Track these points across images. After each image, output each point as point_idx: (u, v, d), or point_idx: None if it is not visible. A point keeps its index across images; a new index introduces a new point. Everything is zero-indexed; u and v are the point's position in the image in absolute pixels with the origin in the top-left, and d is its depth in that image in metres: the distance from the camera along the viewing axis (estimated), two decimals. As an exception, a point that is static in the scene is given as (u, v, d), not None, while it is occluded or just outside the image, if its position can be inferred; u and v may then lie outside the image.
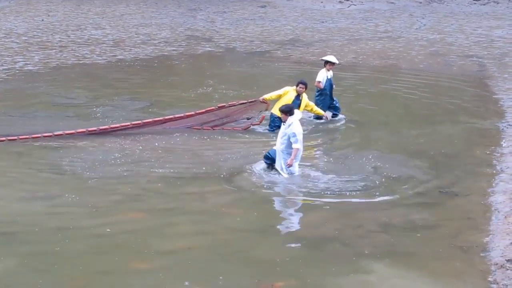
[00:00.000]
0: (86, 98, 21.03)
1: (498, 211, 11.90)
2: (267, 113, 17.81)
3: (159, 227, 11.31)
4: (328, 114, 18.61)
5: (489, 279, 9.39)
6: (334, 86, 18.98)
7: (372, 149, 16.33)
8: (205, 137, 16.51)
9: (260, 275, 9.57)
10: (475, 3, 54.03)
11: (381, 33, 39.98)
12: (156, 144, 15.76)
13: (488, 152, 15.86)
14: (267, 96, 17.54)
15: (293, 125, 13.79)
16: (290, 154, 13.76)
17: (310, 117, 18.59)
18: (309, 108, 17.80)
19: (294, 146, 13.68)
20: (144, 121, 17.01)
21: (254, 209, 12.41)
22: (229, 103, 17.70)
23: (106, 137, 16.08)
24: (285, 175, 13.80)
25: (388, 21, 46.04)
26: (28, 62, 26.87)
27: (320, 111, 18.08)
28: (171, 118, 17.11)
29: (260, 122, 17.89)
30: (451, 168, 14.92)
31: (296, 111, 14.16)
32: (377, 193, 13.00)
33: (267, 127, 17.76)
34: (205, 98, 21.48)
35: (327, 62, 18.93)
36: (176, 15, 45.60)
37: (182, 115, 17.39)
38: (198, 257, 10.14)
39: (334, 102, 18.89)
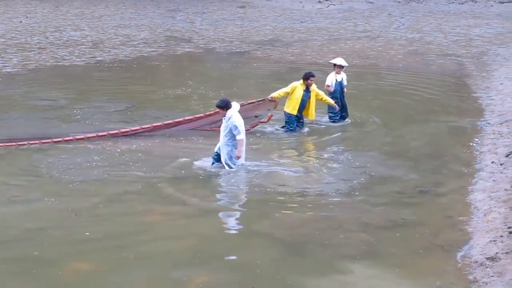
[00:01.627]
0: (65, 100, 20.93)
1: (478, 209, 11.94)
2: (275, 112, 17.81)
3: (138, 230, 11.23)
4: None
5: (469, 277, 9.42)
6: (345, 89, 18.92)
7: (352, 149, 16.36)
8: (182, 139, 16.42)
9: (240, 277, 9.54)
10: (453, 2, 54.35)
11: (360, 32, 40.12)
12: (135, 146, 15.68)
13: (467, 151, 15.93)
14: (275, 94, 17.50)
15: (233, 117, 14.04)
16: (234, 146, 14.06)
17: (319, 121, 18.58)
18: (319, 98, 17.76)
19: (238, 137, 13.99)
20: (154, 125, 16.89)
21: (232, 210, 12.39)
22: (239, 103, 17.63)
23: (85, 140, 15.94)
24: (233, 167, 14.07)
25: (367, 20, 46.21)
26: (6, 64, 26.75)
27: (330, 101, 17.98)
28: (181, 121, 16.99)
29: (268, 120, 17.82)
30: (430, 167, 14.98)
31: (233, 103, 14.28)
32: (357, 193, 13.01)
33: (281, 128, 17.78)
34: (185, 99, 21.48)
35: (335, 65, 18.85)
36: (155, 16, 45.55)
37: (192, 117, 17.36)
38: (177, 260, 10.07)
39: (344, 104, 18.80)
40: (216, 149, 14.41)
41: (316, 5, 52.86)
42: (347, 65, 19.11)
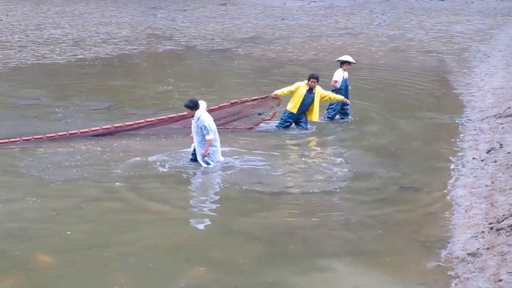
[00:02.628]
0: (46, 99, 20.80)
1: (459, 205, 11.98)
2: (279, 109, 17.79)
3: (119, 229, 11.19)
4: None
5: (451, 273, 9.45)
6: (350, 87, 18.92)
7: (333, 146, 16.40)
8: (162, 138, 16.36)
9: (222, 276, 9.51)
10: (434, -1, 54.56)
11: (341, 29, 40.20)
12: (116, 144, 15.60)
13: (448, 147, 15.98)
14: (279, 92, 17.54)
15: (202, 117, 14.08)
16: (204, 144, 14.13)
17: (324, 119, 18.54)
18: (327, 98, 17.74)
19: (207, 137, 14.05)
20: (158, 118, 16.89)
21: (213, 209, 12.35)
22: (242, 99, 17.59)
23: (68, 139, 15.85)
24: (211, 164, 14.17)
25: (348, 17, 46.31)
26: (-14, 63, 26.58)
27: (339, 97, 17.94)
28: (183, 116, 16.68)
29: (272, 117, 17.82)
30: (412, 163, 15.02)
31: (201, 102, 14.29)
32: (338, 190, 13.03)
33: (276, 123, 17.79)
34: (166, 97, 21.43)
35: (344, 62, 18.85)
36: (136, 14, 45.42)
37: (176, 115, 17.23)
38: (158, 260, 10.01)
39: (346, 108, 18.73)
40: (191, 149, 14.45)
41: (297, 2, 52.96)
42: (354, 62, 19.14)
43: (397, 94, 22.40)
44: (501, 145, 14.76)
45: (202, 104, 14.26)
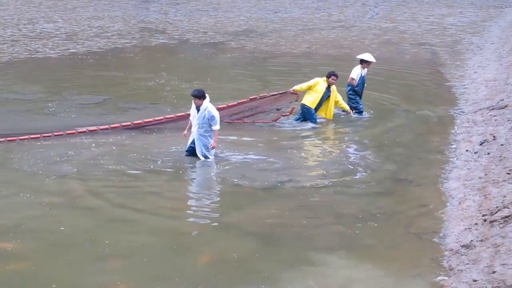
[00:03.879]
0: (39, 93, 20.72)
1: (453, 198, 12.00)
2: (297, 104, 17.76)
3: (112, 224, 11.16)
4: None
5: (444, 265, 9.47)
6: (365, 84, 18.91)
7: (327, 140, 16.40)
8: (154, 133, 16.29)
9: (216, 270, 9.50)
10: (426, -9, 54.56)
11: (334, 22, 40.18)
12: (111, 139, 15.53)
13: (441, 140, 16.00)
14: (297, 87, 17.51)
15: (209, 107, 14.01)
16: (210, 136, 14.07)
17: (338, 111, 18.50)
18: (336, 100, 17.75)
19: (215, 128, 14.05)
20: (177, 114, 16.79)
21: (207, 203, 12.33)
22: (260, 95, 17.60)
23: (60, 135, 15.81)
24: (210, 158, 14.13)
25: (341, 10, 46.30)
26: (-21, 57, 26.50)
27: (345, 106, 18.02)
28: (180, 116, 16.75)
29: (290, 113, 17.82)
30: (405, 156, 15.04)
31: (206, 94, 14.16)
32: (332, 184, 13.03)
33: (295, 121, 17.73)
34: (159, 90, 21.39)
35: (363, 61, 18.75)
36: (129, 8, 45.32)
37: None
38: (152, 254, 9.98)
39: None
40: (189, 143, 14.33)
41: (290, -5, 52.91)
42: (375, 61, 19.02)
43: (390, 87, 22.38)
44: (494, 137, 14.77)
45: (207, 96, 14.17)
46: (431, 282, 9.07)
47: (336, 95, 17.65)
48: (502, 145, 14.10)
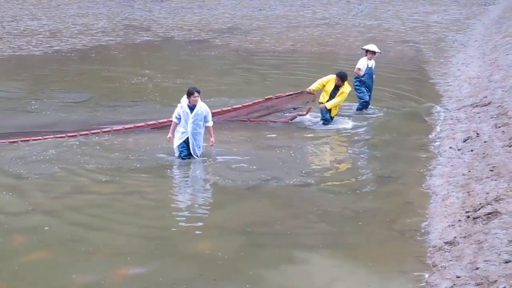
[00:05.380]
0: (22, 91, 20.66)
1: (436, 194, 12.03)
2: (314, 104, 17.59)
3: (96, 223, 11.04)
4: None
5: (428, 261, 9.49)
6: (374, 76, 18.95)
7: (310, 138, 16.38)
8: (137, 131, 16.23)
9: (201, 270, 9.45)
10: (411, -11, 54.69)
11: (318, 20, 40.24)
12: (96, 139, 15.46)
13: (425, 137, 16.04)
14: (313, 87, 17.32)
15: (203, 104, 14.07)
16: (201, 134, 14.12)
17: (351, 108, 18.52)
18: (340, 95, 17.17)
19: (210, 124, 14.17)
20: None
21: (191, 202, 12.23)
22: (276, 95, 17.50)
23: (43, 134, 15.70)
24: (199, 156, 14.14)
25: (325, 8, 46.37)
26: (-38, 55, 26.38)
27: (333, 103, 17.14)
28: (218, 112, 16.77)
29: (307, 113, 17.65)
30: (389, 153, 15.06)
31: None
32: (316, 182, 13.02)
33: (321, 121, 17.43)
34: (141, 88, 21.32)
35: (368, 50, 18.88)
36: (113, 5, 45.21)
37: (229, 108, 17.31)
38: (136, 253, 9.94)
39: (371, 94, 18.79)
40: (179, 145, 14.18)
41: (274, -8, 52.91)
42: (379, 51, 19.16)
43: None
44: (477, 134, 14.82)
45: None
46: (415, 279, 9.08)
47: (341, 94, 17.10)
48: (485, 142, 14.15)
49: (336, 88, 17.13)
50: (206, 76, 23.35)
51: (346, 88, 17.12)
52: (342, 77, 17.00)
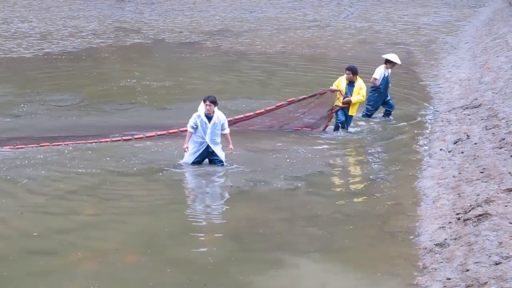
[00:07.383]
0: (12, 94, 20.59)
1: (427, 196, 12.04)
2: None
3: (86, 227, 10.99)
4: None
5: (419, 263, 9.49)
6: (390, 84, 18.59)
7: (301, 141, 16.35)
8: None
9: (191, 275, 9.39)
10: (401, -9, 54.83)
11: (309, 22, 40.26)
12: (89, 144, 15.31)
13: (415, 138, 16.07)
14: (335, 86, 16.86)
15: (220, 113, 13.91)
16: (220, 142, 13.87)
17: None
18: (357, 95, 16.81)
19: (227, 131, 13.92)
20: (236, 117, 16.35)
21: (181, 206, 12.13)
22: (299, 97, 16.90)
23: (35, 138, 15.58)
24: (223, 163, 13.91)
25: (316, 10, 46.40)
26: (-49, 58, 26.29)
27: (353, 99, 16.76)
28: (241, 118, 16.46)
29: (324, 129, 17.17)
30: (380, 155, 15.08)
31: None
32: (306, 185, 13.00)
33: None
34: (131, 91, 21.27)
35: (388, 61, 18.39)
36: (104, 7, 45.16)
37: (252, 113, 16.77)
38: (126, 258, 9.87)
39: (388, 98, 18.44)
40: (195, 156, 13.92)
41: (265, -6, 52.94)
42: (400, 63, 18.68)
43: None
44: (468, 136, 14.86)
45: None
46: (406, 281, 9.08)
47: (359, 91, 16.73)
48: (475, 144, 14.18)
49: (350, 84, 16.76)
50: (197, 78, 23.33)
51: (362, 83, 16.83)
52: (352, 70, 16.67)
